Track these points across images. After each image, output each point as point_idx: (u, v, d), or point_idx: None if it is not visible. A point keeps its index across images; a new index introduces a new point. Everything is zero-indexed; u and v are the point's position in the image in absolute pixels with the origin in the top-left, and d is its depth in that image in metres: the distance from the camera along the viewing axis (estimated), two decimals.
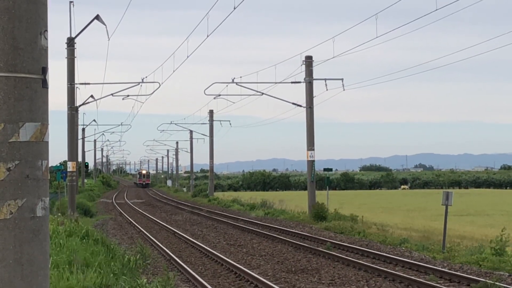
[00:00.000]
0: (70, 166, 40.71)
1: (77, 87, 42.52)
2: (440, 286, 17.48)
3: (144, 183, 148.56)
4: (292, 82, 43.97)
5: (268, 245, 28.50)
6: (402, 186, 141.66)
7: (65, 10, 36.88)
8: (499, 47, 35.97)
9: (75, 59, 39.71)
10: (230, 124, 77.45)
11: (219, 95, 50.82)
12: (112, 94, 45.26)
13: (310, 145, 42.12)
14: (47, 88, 5.21)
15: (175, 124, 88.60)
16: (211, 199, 71.30)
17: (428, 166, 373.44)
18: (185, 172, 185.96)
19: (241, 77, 45.54)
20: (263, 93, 46.28)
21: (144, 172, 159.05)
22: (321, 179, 77.08)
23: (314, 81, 42.58)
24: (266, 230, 35.37)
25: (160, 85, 43.80)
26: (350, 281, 18.92)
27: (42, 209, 5.14)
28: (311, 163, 41.97)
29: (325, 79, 42.53)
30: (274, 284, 18.18)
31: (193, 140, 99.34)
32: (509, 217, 46.51)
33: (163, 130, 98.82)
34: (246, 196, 69.42)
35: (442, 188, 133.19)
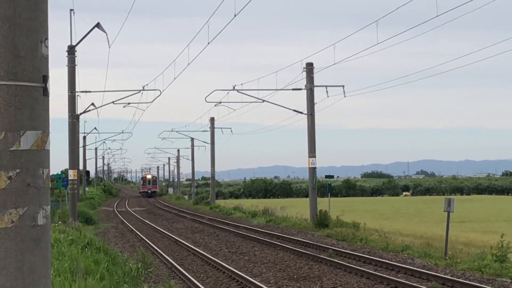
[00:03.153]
0: (71, 174, 40.71)
1: (78, 95, 42.54)
2: None
3: (149, 191, 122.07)
4: (293, 89, 43.98)
5: (270, 252, 28.46)
6: (404, 193, 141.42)
7: (66, 18, 36.97)
8: (501, 52, 36.00)
9: (76, 67, 39.77)
10: (231, 131, 77.30)
11: (220, 102, 50.82)
12: (113, 102, 45.28)
13: (312, 152, 42.09)
14: (48, 96, 5.21)
15: (176, 131, 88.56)
16: (212, 206, 71.26)
17: (429, 173, 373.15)
18: (187, 180, 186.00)
19: (242, 84, 45.60)
20: (264, 100, 46.28)
21: (149, 177, 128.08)
22: (322, 186, 77.16)
23: (315, 88, 42.58)
24: (268, 237, 35.33)
25: (161, 93, 43.77)
26: None
27: (44, 218, 5.13)
28: (312, 170, 41.93)
29: (326, 86, 42.52)
30: None
31: (194, 147, 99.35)
32: (511, 223, 46.42)
33: (164, 138, 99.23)
34: (248, 204, 69.37)
35: (444, 194, 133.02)
